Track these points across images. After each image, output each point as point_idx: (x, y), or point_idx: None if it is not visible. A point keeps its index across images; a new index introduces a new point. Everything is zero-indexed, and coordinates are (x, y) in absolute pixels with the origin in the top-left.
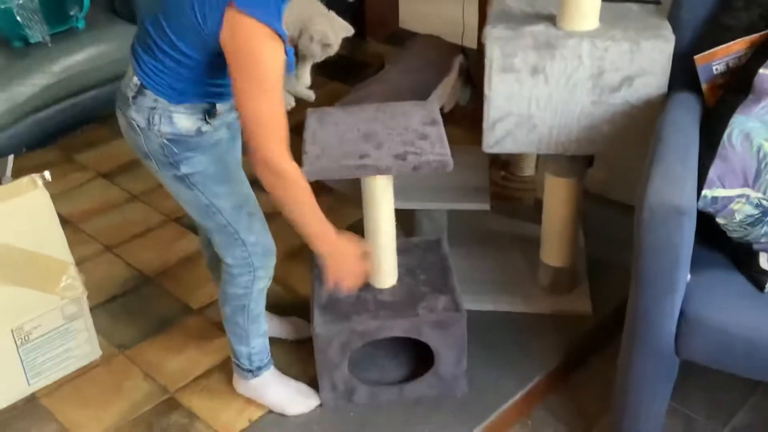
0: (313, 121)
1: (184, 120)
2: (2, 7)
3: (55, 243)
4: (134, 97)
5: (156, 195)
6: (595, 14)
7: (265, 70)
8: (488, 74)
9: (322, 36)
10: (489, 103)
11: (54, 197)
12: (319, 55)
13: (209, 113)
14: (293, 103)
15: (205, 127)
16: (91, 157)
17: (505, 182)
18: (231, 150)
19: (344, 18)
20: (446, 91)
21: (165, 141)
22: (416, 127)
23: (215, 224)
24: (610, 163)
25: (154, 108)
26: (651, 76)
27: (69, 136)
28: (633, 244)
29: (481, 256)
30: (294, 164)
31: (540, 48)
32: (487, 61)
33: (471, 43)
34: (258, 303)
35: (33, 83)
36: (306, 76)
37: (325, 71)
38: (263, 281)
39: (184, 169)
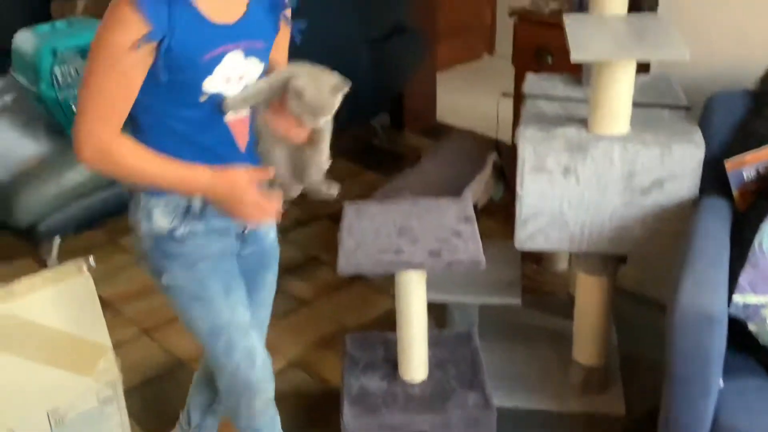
0: (350, 213)
1: (161, 217)
2: (60, 97)
3: (95, 327)
4: (130, 192)
5: None
6: (626, 119)
7: (106, 38)
8: (521, 173)
9: (297, 88)
10: (521, 201)
11: (96, 279)
12: (301, 112)
13: (188, 210)
14: (293, 195)
15: (180, 230)
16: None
17: (538, 276)
18: (220, 271)
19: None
20: (480, 187)
21: (150, 242)
22: (450, 224)
23: (199, 342)
24: (643, 260)
25: (138, 202)
26: (681, 179)
27: (114, 220)
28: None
29: (513, 351)
30: (121, 138)
31: (572, 150)
32: (519, 161)
33: (505, 136)
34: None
35: (82, 170)
36: (321, 158)
37: (361, 161)
38: (242, 420)
39: (165, 280)
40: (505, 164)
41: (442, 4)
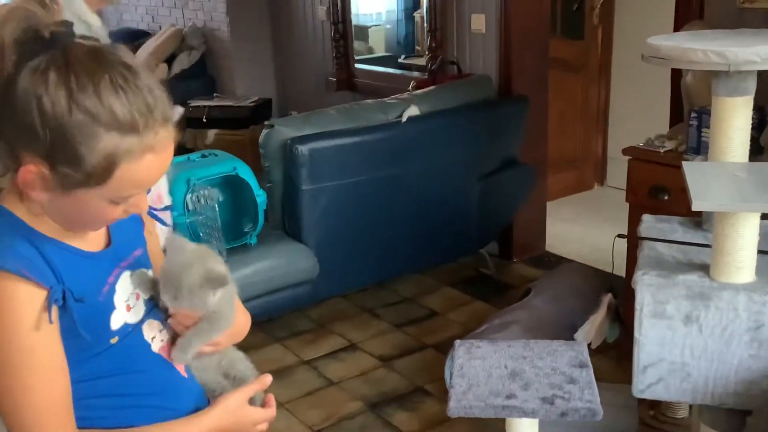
0: (461, 352)
1: None
2: (188, 220)
3: None
4: None
5: (301, 403)
6: (751, 267)
7: (4, 333)
8: (638, 318)
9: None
10: (639, 347)
11: None
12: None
13: None
14: None
15: None
16: None
17: (656, 422)
18: None
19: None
20: (593, 328)
21: None
22: (564, 369)
23: None
24: None
25: None
26: None
27: None
28: None
29: None
30: None
31: (693, 298)
32: (637, 306)
33: (619, 269)
34: None
35: None
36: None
37: (469, 290)
38: None
39: None
40: (620, 304)
41: (553, 137)
